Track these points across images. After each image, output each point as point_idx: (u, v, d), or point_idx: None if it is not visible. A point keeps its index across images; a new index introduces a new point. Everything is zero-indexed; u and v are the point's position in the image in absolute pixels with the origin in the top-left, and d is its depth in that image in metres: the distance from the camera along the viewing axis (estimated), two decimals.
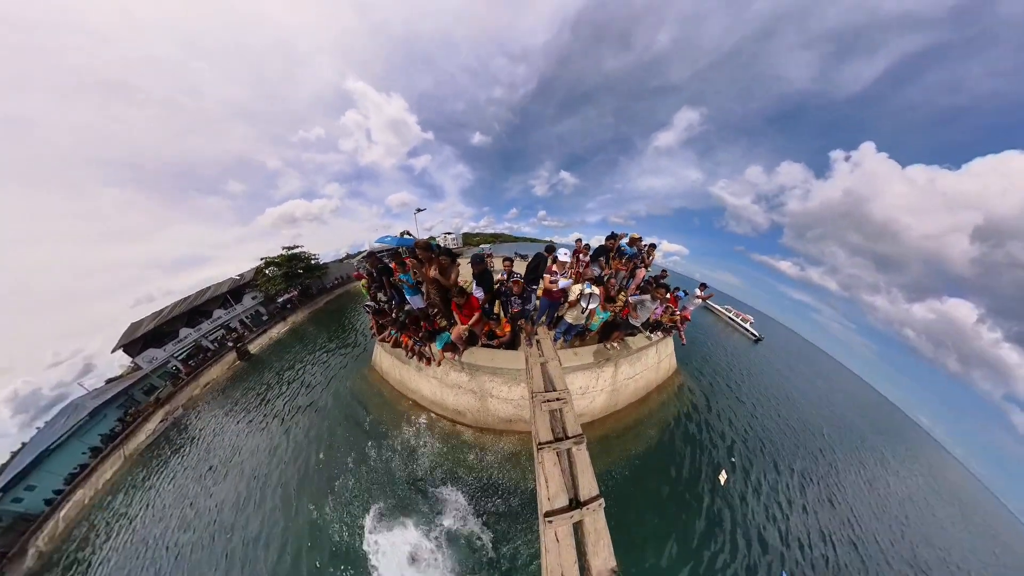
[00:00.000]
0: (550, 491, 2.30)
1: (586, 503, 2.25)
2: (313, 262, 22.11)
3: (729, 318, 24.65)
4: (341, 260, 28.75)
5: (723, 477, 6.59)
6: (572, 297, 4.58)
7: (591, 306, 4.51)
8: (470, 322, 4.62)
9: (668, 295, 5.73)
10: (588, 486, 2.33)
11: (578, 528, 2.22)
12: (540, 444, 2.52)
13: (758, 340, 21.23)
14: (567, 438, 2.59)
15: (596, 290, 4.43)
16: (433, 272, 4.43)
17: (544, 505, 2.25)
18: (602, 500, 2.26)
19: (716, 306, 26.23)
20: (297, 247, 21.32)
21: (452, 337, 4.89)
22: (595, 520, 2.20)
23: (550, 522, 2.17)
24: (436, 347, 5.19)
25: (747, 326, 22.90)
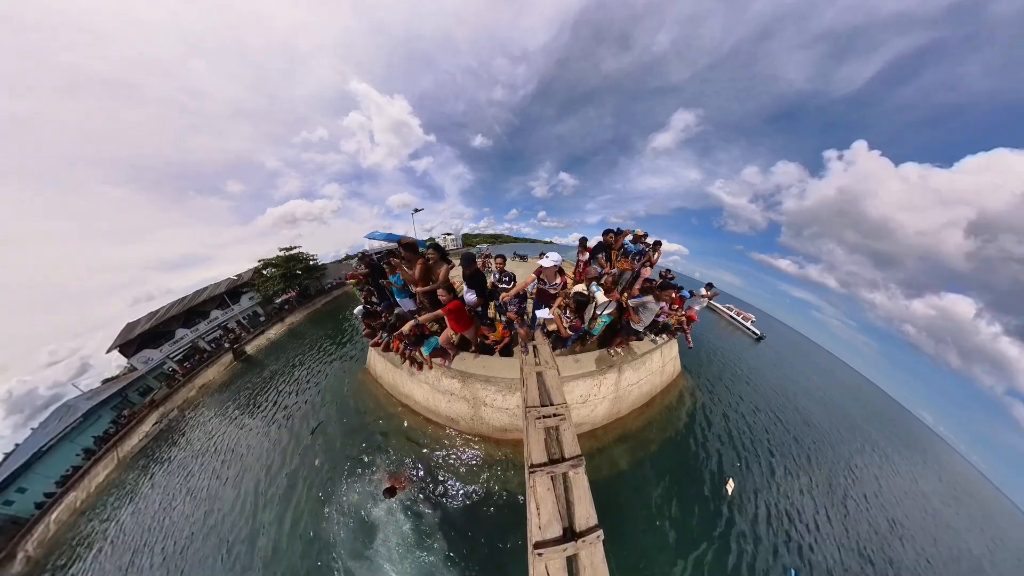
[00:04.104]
0: (541, 519, 2.05)
1: (582, 534, 2.00)
2: (312, 263, 21.96)
3: (731, 316, 24.46)
4: (340, 261, 28.63)
5: (730, 486, 6.34)
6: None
7: (606, 312, 4.24)
8: (427, 317, 4.31)
9: (674, 295, 5.44)
10: (585, 515, 2.08)
11: (572, 562, 1.97)
12: (532, 467, 2.27)
13: (760, 338, 21.04)
14: (564, 460, 2.33)
15: (606, 296, 4.15)
16: (417, 274, 4.18)
17: (534, 535, 2.00)
18: (601, 532, 2.00)
19: (718, 305, 26.03)
20: (295, 248, 21.19)
21: (440, 342, 4.67)
22: (592, 554, 1.94)
23: (540, 555, 1.92)
24: (424, 352, 4.97)
25: (748, 324, 22.73)
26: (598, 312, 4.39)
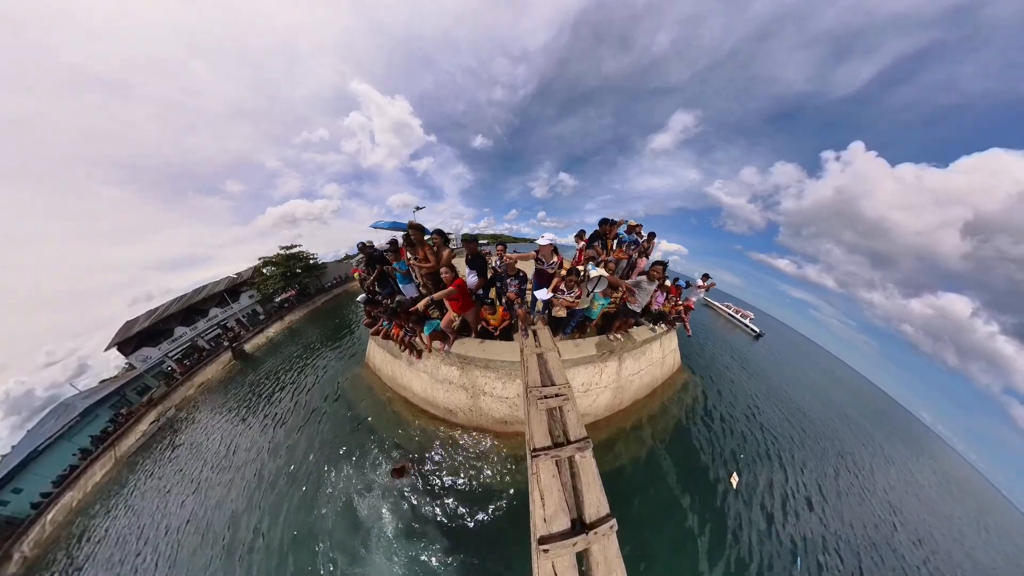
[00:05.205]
0: (546, 510, 1.83)
1: (593, 526, 1.78)
2: (311, 261, 21.85)
3: (729, 314, 24.39)
4: (340, 260, 28.51)
5: (735, 480, 6.23)
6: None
7: (599, 289, 4.17)
8: (442, 294, 4.21)
9: (666, 276, 5.53)
10: (596, 504, 1.86)
11: (583, 558, 1.75)
12: (535, 451, 2.05)
13: (758, 336, 20.92)
14: (568, 443, 2.11)
15: (603, 271, 4.06)
16: (429, 256, 4.13)
17: (538, 528, 1.78)
18: (614, 522, 1.78)
19: (716, 303, 25.97)
20: (295, 246, 21.08)
21: (442, 325, 4.55)
22: (605, 548, 1.72)
23: (545, 551, 1.69)
24: (424, 333, 4.85)
25: (747, 322, 22.61)
26: (590, 288, 4.36)
